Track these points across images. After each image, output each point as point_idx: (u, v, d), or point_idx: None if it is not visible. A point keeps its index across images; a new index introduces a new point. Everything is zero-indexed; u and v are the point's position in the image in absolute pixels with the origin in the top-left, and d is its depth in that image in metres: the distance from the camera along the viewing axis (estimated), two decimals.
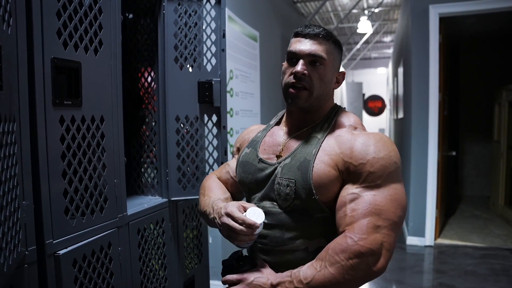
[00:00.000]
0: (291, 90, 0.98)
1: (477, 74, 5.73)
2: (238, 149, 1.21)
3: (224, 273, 1.00)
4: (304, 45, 0.97)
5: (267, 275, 0.93)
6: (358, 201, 0.88)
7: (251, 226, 0.90)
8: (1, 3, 0.75)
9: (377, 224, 0.85)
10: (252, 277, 0.93)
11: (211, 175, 1.26)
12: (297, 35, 1.01)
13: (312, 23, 1.00)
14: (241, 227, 0.91)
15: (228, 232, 0.94)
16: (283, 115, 1.14)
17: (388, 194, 0.88)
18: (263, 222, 0.94)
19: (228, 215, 0.94)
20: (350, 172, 0.91)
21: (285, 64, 1.02)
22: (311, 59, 0.97)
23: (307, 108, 1.01)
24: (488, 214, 4.76)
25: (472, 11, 3.55)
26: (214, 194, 1.13)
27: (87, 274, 1.07)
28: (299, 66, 0.96)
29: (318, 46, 0.97)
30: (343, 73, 1.06)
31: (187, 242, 1.64)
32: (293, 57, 0.99)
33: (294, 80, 0.97)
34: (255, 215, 0.92)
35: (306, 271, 0.87)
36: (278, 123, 1.14)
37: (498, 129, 4.65)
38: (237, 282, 0.95)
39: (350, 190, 0.90)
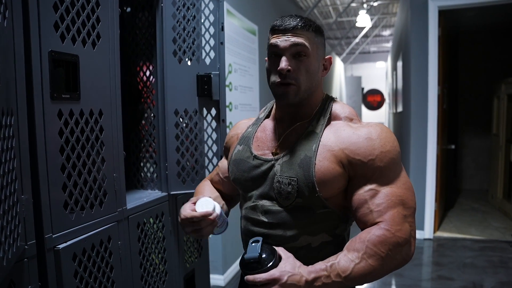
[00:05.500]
0: (278, 88, 0.96)
1: (476, 67, 5.72)
2: (227, 149, 1.17)
3: (246, 270, 0.88)
4: (284, 40, 0.93)
5: (299, 270, 0.87)
6: (379, 195, 0.89)
7: (206, 216, 0.95)
8: None
9: (404, 214, 0.88)
10: (285, 276, 0.85)
11: (205, 179, 1.25)
12: (274, 30, 0.96)
13: (288, 14, 0.98)
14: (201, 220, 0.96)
15: (191, 229, 0.99)
16: (272, 107, 1.10)
17: (401, 183, 0.91)
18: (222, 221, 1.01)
19: (186, 219, 0.98)
20: (359, 168, 0.90)
21: (267, 61, 0.98)
22: (294, 52, 0.93)
23: (298, 102, 0.98)
24: (487, 207, 4.78)
25: (471, 4, 3.54)
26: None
27: (87, 268, 1.07)
28: (283, 63, 0.92)
29: (299, 38, 0.93)
30: (329, 59, 1.02)
31: (187, 236, 1.64)
32: (275, 54, 0.95)
33: (279, 79, 0.94)
34: (203, 205, 0.97)
35: (342, 263, 0.85)
36: (267, 116, 1.11)
37: (497, 122, 4.65)
38: (267, 282, 0.85)
39: (366, 187, 0.90)
